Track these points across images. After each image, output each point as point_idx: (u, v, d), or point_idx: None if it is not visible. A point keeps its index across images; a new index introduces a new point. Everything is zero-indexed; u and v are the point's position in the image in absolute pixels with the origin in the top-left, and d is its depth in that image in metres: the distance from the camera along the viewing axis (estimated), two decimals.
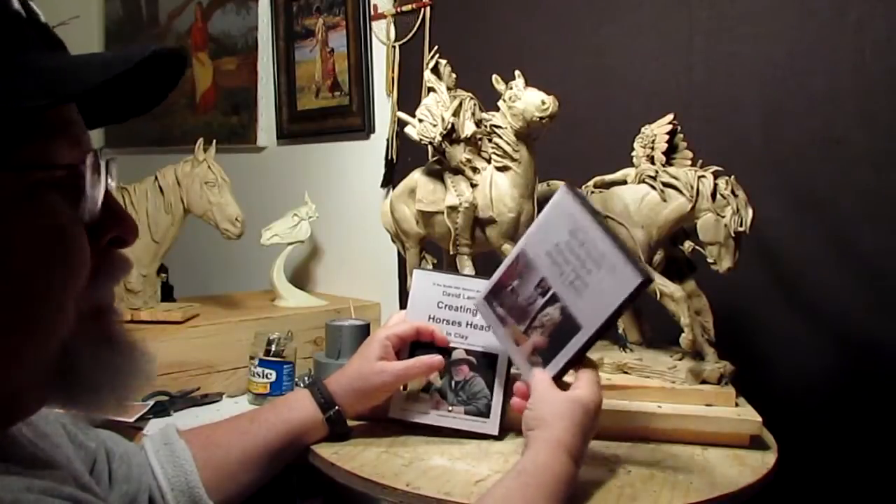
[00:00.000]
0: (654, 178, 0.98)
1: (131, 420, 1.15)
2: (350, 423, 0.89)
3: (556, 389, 0.75)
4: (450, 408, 0.89)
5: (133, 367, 0.52)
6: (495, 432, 0.88)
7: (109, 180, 0.49)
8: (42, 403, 0.49)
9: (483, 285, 0.86)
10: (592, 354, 1.00)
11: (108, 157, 0.49)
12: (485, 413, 0.88)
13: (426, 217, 1.07)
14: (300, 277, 2.12)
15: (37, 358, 0.46)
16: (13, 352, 0.45)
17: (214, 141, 1.68)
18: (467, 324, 0.91)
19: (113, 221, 0.49)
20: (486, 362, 0.90)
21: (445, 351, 0.90)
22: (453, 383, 0.90)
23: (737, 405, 0.93)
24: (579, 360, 0.77)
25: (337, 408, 0.86)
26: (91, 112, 0.50)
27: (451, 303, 0.91)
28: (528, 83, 0.99)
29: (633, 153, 1.05)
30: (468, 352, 0.90)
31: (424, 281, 0.93)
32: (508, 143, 0.99)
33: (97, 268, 0.48)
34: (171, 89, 0.52)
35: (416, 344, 0.90)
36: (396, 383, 0.88)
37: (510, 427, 0.88)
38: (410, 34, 1.78)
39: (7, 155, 0.43)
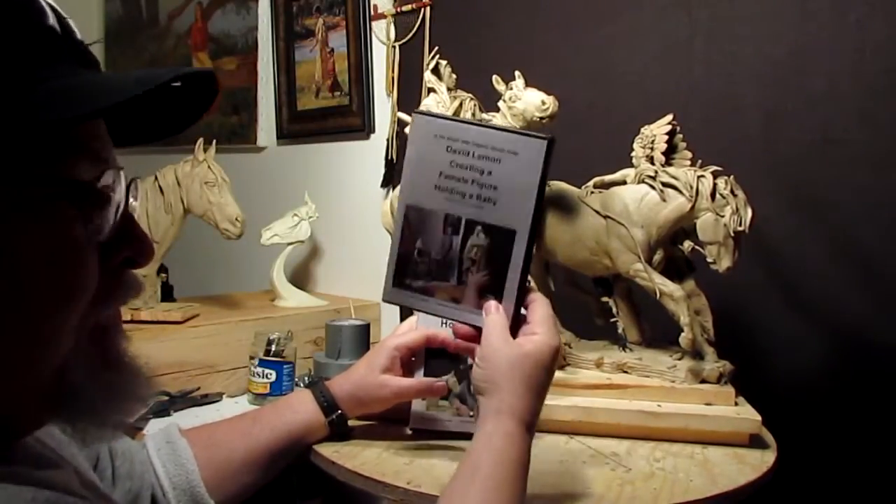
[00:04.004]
0: (654, 178, 0.98)
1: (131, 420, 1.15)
2: (351, 422, 0.89)
3: (508, 340, 0.67)
4: (471, 412, 0.87)
5: (132, 388, 0.50)
6: None
7: (131, 199, 0.48)
8: (42, 422, 0.48)
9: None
10: (591, 354, 1.01)
11: (131, 178, 0.48)
12: None
13: None
14: (300, 277, 2.12)
15: (37, 374, 0.45)
16: (14, 367, 0.44)
17: (214, 141, 1.68)
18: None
19: (127, 241, 0.48)
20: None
21: (458, 357, 0.86)
22: (472, 388, 0.88)
23: (736, 404, 0.93)
24: (528, 271, 0.68)
25: (340, 412, 0.86)
26: (123, 131, 0.50)
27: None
28: (528, 83, 0.99)
29: (633, 153, 1.05)
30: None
31: None
32: None
33: (106, 286, 0.47)
34: (204, 110, 0.52)
35: (431, 351, 0.88)
36: (396, 400, 0.87)
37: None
38: (410, 34, 1.78)
39: (26, 168, 0.42)
